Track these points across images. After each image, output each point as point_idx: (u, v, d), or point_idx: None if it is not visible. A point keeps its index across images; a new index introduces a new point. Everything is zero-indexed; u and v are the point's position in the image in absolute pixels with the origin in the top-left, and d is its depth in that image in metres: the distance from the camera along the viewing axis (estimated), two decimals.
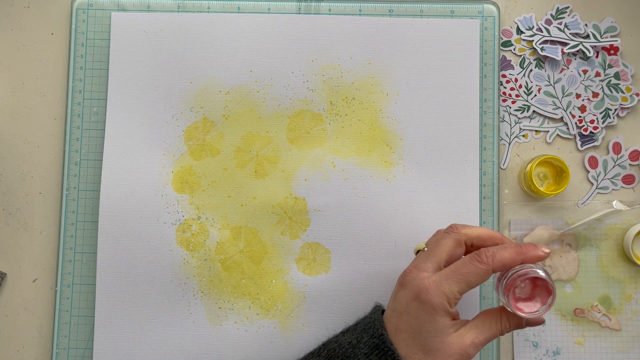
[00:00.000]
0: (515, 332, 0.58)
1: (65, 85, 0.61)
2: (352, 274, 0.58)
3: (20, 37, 0.61)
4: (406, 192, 0.58)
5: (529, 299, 0.49)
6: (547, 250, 0.49)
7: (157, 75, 0.59)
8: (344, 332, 0.52)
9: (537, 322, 0.50)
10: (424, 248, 0.52)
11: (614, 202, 0.59)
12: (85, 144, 0.59)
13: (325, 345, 0.52)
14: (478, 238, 0.51)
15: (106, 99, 0.59)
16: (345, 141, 0.59)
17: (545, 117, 0.60)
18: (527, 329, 0.57)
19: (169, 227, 0.58)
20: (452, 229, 0.51)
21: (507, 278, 0.49)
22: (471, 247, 0.51)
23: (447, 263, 0.49)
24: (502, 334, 0.49)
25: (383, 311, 0.52)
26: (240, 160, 0.59)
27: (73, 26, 0.60)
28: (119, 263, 0.58)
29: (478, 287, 0.57)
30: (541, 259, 0.49)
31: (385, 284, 0.57)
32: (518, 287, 0.49)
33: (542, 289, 0.49)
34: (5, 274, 0.59)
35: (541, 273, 0.48)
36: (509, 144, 0.60)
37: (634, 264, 0.58)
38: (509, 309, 0.49)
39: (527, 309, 0.49)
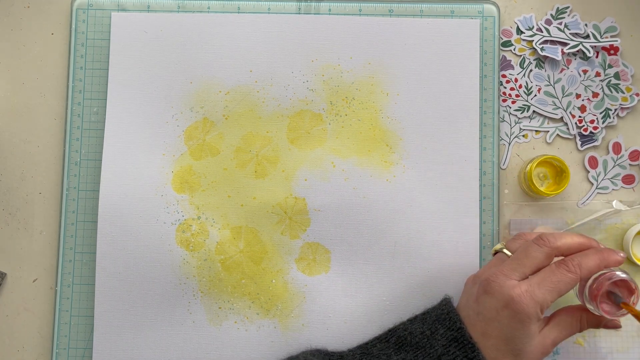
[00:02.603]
0: None
1: (65, 85, 0.61)
2: (352, 274, 0.58)
3: (20, 37, 0.61)
4: (406, 192, 0.58)
5: (609, 300, 0.51)
6: (623, 255, 0.51)
7: (157, 75, 0.59)
8: (411, 321, 0.53)
9: (615, 324, 0.52)
10: (502, 249, 0.52)
11: (614, 202, 0.59)
12: (85, 144, 0.59)
13: (392, 331, 0.53)
14: (569, 249, 0.51)
15: (106, 99, 0.59)
16: (345, 141, 0.59)
17: (545, 117, 0.60)
18: None
19: (169, 227, 0.58)
20: (543, 241, 0.51)
21: (594, 282, 0.50)
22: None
23: (532, 273, 0.50)
24: (581, 331, 0.52)
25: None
26: (240, 160, 0.59)
27: (73, 26, 0.60)
28: (118, 263, 0.58)
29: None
30: (621, 262, 0.51)
31: (386, 283, 0.58)
32: (606, 291, 0.50)
33: (622, 289, 0.50)
34: (5, 274, 0.59)
35: (624, 275, 0.50)
36: (509, 144, 0.60)
37: (634, 264, 0.57)
38: (596, 313, 0.50)
39: (609, 309, 0.50)
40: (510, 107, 0.60)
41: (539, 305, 0.48)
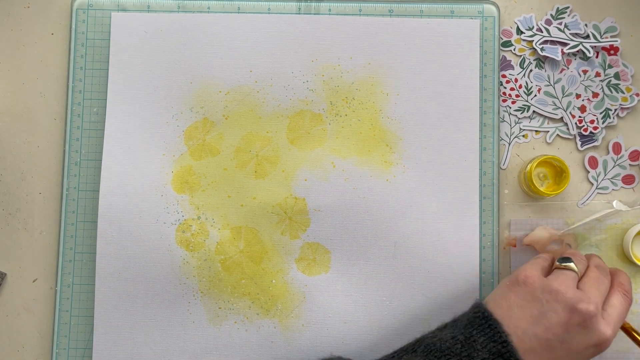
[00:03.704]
0: None
1: (65, 85, 0.61)
2: (352, 274, 0.58)
3: (20, 37, 0.61)
4: (406, 192, 0.58)
5: None
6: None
7: (157, 75, 0.59)
8: (440, 329, 0.50)
9: None
10: (570, 264, 0.51)
11: (614, 202, 0.59)
12: (85, 144, 0.59)
13: (419, 341, 0.49)
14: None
15: (106, 99, 0.59)
16: (345, 141, 0.59)
17: (545, 117, 0.60)
18: None
19: (169, 227, 0.58)
20: (626, 292, 0.51)
21: None
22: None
23: None
24: None
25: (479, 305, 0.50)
26: (240, 160, 0.59)
27: (73, 26, 0.60)
28: (118, 263, 0.58)
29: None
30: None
31: (385, 284, 0.57)
32: None
33: None
34: (5, 274, 0.59)
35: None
36: (509, 144, 0.60)
37: (634, 264, 0.57)
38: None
39: None
40: (510, 107, 0.60)
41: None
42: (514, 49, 0.60)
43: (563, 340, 0.47)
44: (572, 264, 0.51)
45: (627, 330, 0.52)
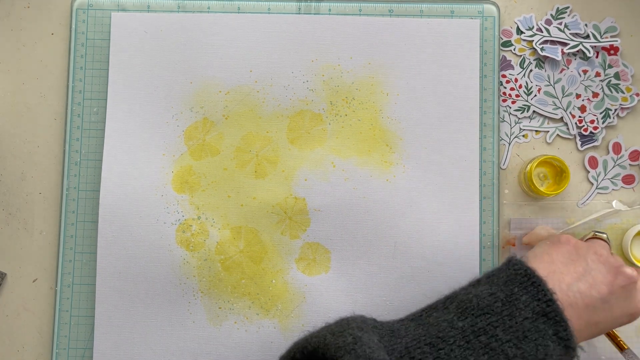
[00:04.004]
0: None
1: (65, 85, 0.61)
2: (352, 274, 0.58)
3: (20, 37, 0.61)
4: (406, 192, 0.58)
5: None
6: None
7: (157, 75, 0.59)
8: (473, 285, 0.47)
9: None
10: (606, 240, 0.52)
11: (614, 202, 0.59)
12: (85, 144, 0.59)
13: (450, 298, 0.46)
14: None
15: (106, 99, 0.59)
16: (345, 141, 0.59)
17: (545, 117, 0.60)
18: None
19: (169, 227, 0.58)
20: None
21: None
22: None
23: None
24: None
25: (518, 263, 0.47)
26: (240, 160, 0.59)
27: (73, 26, 0.60)
28: (118, 263, 0.58)
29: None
30: None
31: (385, 284, 0.57)
32: None
33: None
34: (5, 274, 0.59)
35: None
36: (509, 144, 0.60)
37: (633, 264, 0.57)
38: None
39: None
40: (510, 107, 0.60)
41: None
42: (514, 49, 0.60)
43: (606, 300, 0.46)
44: (606, 235, 0.52)
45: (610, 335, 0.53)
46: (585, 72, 0.60)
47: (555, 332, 0.43)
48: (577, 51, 0.60)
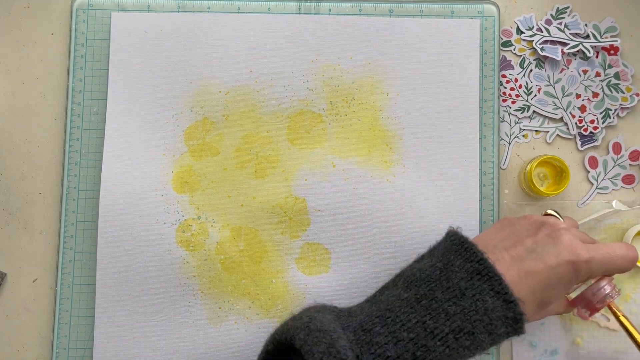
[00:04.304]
0: None
1: (65, 85, 0.61)
2: (352, 274, 0.58)
3: (20, 37, 0.61)
4: (406, 192, 0.58)
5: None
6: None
7: (157, 75, 0.59)
8: (417, 260, 0.50)
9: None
10: (555, 214, 0.53)
11: (614, 202, 0.59)
12: (85, 144, 0.59)
13: (398, 275, 0.50)
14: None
15: (106, 99, 0.59)
16: (345, 141, 0.59)
17: (545, 117, 0.60)
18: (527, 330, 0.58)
19: (169, 227, 0.58)
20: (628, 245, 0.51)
21: (597, 292, 0.51)
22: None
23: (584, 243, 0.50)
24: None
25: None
26: (240, 160, 0.59)
27: (73, 26, 0.60)
28: (118, 263, 0.58)
29: None
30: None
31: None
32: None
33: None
34: (5, 274, 0.59)
35: (617, 297, 0.53)
36: (509, 144, 0.60)
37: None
38: (576, 313, 0.53)
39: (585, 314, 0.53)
40: (510, 107, 0.60)
41: (590, 273, 0.48)
42: (514, 49, 0.60)
43: (531, 249, 0.47)
44: (553, 211, 0.54)
45: (613, 310, 0.53)
46: (585, 72, 0.60)
47: (491, 287, 0.45)
48: (577, 51, 0.60)
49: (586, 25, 0.60)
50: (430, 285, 0.46)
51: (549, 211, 0.55)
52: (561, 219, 0.53)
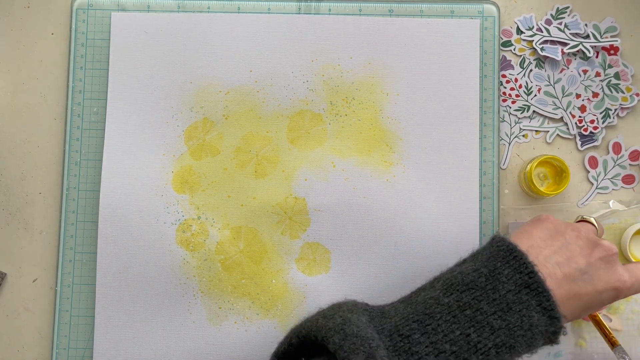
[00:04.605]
0: None
1: (65, 85, 0.61)
2: (352, 274, 0.58)
3: (20, 37, 0.61)
4: (406, 192, 0.58)
5: None
6: None
7: (157, 75, 0.59)
8: (459, 264, 0.48)
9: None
10: (593, 223, 0.52)
11: (610, 202, 0.59)
12: (85, 144, 0.59)
13: (437, 278, 0.48)
14: None
15: (106, 99, 0.59)
16: (345, 141, 0.59)
17: (545, 117, 0.60)
18: None
19: (169, 227, 0.58)
20: None
21: None
22: None
23: None
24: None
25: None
26: (240, 160, 0.59)
27: (73, 26, 0.60)
28: (118, 263, 0.58)
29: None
30: None
31: (385, 284, 0.57)
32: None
33: None
34: (5, 274, 0.59)
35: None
36: (509, 144, 0.60)
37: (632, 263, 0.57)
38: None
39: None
40: (510, 107, 0.60)
41: (627, 296, 0.49)
42: (514, 49, 0.60)
43: (584, 271, 0.46)
44: (593, 219, 0.52)
45: (596, 321, 0.53)
46: (585, 72, 0.60)
47: (538, 303, 0.44)
48: (577, 51, 0.60)
49: (586, 25, 0.60)
50: (474, 293, 0.44)
51: (587, 217, 0.54)
52: (597, 227, 0.52)
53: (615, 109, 0.60)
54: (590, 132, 0.60)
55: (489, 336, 0.43)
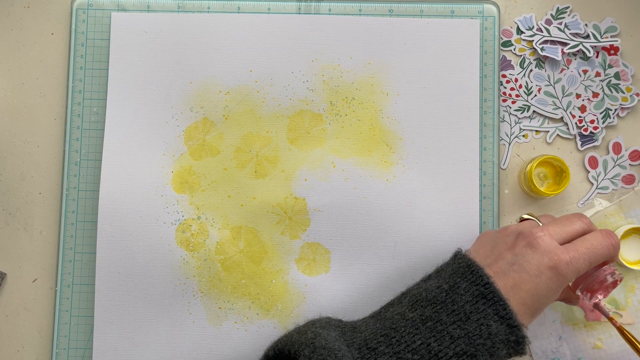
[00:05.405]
0: (534, 350, 0.57)
1: (65, 85, 0.61)
2: (352, 274, 0.58)
3: (20, 37, 0.61)
4: (406, 192, 0.58)
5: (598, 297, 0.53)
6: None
7: (157, 75, 0.59)
8: (424, 280, 0.51)
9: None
10: (531, 217, 0.53)
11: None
12: (85, 144, 0.59)
13: (404, 293, 0.50)
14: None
15: (106, 99, 0.59)
16: (345, 141, 0.59)
17: (545, 117, 0.60)
18: (546, 346, 0.58)
19: (169, 227, 0.58)
20: (583, 218, 0.51)
21: (595, 273, 0.51)
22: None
23: (568, 241, 0.50)
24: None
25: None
26: (240, 160, 0.59)
27: (73, 26, 0.60)
28: (118, 263, 0.58)
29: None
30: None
31: (385, 284, 0.57)
32: (603, 287, 0.52)
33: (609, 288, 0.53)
34: (5, 274, 0.59)
35: (621, 276, 0.52)
36: (509, 144, 0.60)
37: (621, 265, 0.57)
38: (577, 304, 0.53)
39: (594, 313, 0.53)
40: (510, 107, 0.60)
41: (577, 272, 0.48)
42: (514, 49, 0.60)
43: (513, 262, 0.48)
44: (530, 215, 0.53)
45: (623, 333, 0.52)
46: (585, 72, 0.60)
47: (495, 312, 0.46)
48: (577, 51, 0.60)
49: (586, 25, 0.60)
50: (435, 307, 0.47)
51: (525, 215, 0.54)
52: (537, 221, 0.52)
53: (616, 109, 0.60)
54: (591, 132, 0.60)
55: (449, 345, 0.45)
